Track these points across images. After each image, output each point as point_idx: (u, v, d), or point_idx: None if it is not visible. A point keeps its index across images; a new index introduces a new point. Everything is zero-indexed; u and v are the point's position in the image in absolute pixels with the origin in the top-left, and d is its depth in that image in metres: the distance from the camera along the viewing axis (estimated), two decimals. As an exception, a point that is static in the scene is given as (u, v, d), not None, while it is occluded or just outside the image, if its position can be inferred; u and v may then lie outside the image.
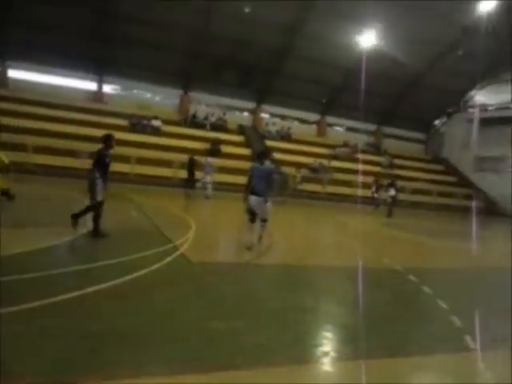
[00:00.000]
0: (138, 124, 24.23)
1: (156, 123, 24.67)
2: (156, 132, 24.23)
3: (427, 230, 15.22)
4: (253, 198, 7.56)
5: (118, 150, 20.21)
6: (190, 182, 18.42)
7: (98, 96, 26.29)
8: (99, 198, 7.19)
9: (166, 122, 25.40)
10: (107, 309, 4.06)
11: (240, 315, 4.37)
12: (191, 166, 18.86)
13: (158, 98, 28.64)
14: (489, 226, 20.67)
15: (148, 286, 4.91)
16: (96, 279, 4.78)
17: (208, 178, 17.05)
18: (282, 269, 6.80)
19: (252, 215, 7.64)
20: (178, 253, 6.57)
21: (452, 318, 4.95)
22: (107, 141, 7.47)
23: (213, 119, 27.27)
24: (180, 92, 28.17)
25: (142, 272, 5.26)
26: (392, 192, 17.55)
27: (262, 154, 8.10)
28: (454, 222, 16.54)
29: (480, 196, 28.55)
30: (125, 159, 19.73)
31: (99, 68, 25.74)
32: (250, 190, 7.60)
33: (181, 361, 3.20)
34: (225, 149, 24.20)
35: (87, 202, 7.42)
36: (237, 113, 30.08)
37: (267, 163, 8.01)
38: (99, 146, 7.50)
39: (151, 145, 22.35)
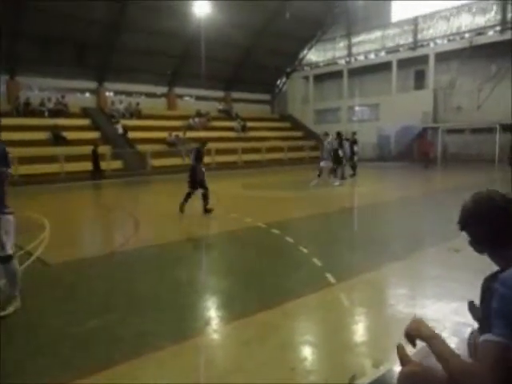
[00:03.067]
0: (-43, 121, 20.66)
1: (-21, 117, 21.31)
2: (-19, 127, 20.96)
3: (283, 185, 16.37)
4: None
5: None
6: (97, 174, 18.56)
7: None
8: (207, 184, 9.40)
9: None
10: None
11: (112, 308, 4.20)
12: (96, 157, 18.82)
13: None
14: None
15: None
16: None
17: None
18: (149, 250, 6.66)
19: None
20: (32, 258, 5.95)
21: (313, 261, 5.51)
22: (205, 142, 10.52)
23: (51, 105, 24.56)
24: (5, 78, 24.53)
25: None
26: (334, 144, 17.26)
27: None
28: (305, 173, 18.06)
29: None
30: None
31: None
32: None
33: (54, 375, 2.97)
34: (70, 135, 22.20)
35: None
36: (78, 95, 27.58)
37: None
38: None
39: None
